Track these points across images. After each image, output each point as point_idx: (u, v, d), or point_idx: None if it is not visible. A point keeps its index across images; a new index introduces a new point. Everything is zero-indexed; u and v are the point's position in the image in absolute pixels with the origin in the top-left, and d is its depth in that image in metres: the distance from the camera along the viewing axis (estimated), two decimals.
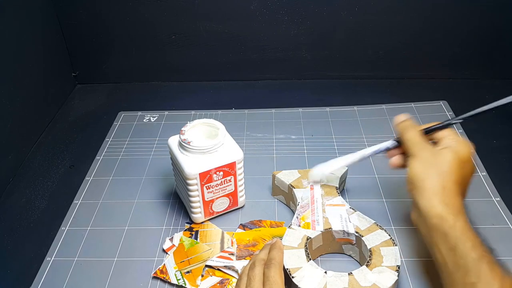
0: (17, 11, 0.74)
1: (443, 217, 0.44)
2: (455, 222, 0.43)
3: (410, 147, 0.51)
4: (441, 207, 0.44)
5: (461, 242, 0.42)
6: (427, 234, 0.46)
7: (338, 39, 0.88)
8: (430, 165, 0.47)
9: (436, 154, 0.48)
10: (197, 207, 0.58)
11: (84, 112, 0.87)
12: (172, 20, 0.87)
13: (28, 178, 0.71)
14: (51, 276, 0.55)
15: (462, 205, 0.45)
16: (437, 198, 0.45)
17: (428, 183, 0.46)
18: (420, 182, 0.47)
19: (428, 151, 0.49)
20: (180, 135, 0.57)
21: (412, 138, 0.51)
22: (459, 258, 0.41)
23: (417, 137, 0.51)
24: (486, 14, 0.83)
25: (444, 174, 0.46)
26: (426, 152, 0.49)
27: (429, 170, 0.47)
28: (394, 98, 0.85)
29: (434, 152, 0.49)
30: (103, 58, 0.93)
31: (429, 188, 0.46)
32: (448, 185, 0.46)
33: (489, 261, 0.40)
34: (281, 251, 0.50)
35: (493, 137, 0.74)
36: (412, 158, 0.49)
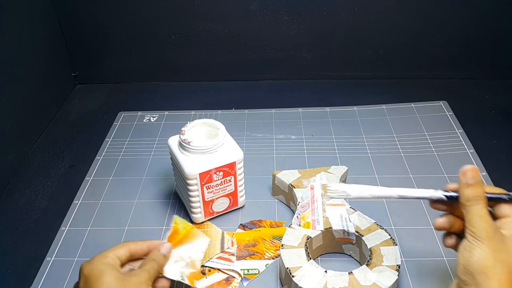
0: (17, 11, 0.74)
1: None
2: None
3: (474, 227, 0.39)
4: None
5: None
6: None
7: (338, 39, 0.88)
8: (500, 261, 0.37)
9: (505, 245, 0.38)
10: (197, 207, 0.58)
11: (84, 112, 0.87)
12: (172, 20, 0.87)
13: (28, 178, 0.71)
14: (51, 276, 0.55)
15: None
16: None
17: (495, 283, 0.36)
18: (485, 277, 0.36)
19: (497, 241, 0.38)
20: (180, 135, 0.57)
21: (481, 217, 0.39)
22: None
23: (486, 218, 0.39)
24: (486, 14, 0.83)
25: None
26: (494, 243, 0.38)
27: (498, 267, 0.37)
28: (394, 98, 0.85)
29: (503, 241, 0.38)
30: (103, 58, 0.93)
31: (492, 285, 0.36)
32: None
33: None
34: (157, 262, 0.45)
35: (493, 137, 0.74)
36: (474, 241, 0.39)
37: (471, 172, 0.41)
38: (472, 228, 0.39)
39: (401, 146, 0.73)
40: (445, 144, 0.72)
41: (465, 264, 0.38)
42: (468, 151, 0.71)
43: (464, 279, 0.38)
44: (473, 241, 0.38)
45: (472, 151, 0.71)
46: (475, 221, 0.39)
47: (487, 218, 0.39)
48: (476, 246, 0.38)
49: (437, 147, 0.72)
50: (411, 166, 0.69)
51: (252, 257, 0.56)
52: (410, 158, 0.70)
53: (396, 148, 0.72)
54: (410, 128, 0.77)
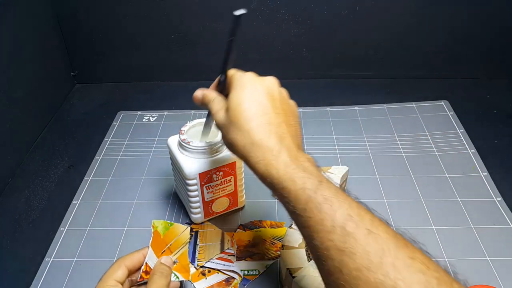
0: (16, 11, 0.74)
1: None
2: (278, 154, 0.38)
3: (217, 122, 0.44)
4: (266, 168, 0.38)
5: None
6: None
7: (338, 39, 0.87)
8: (236, 135, 0.41)
9: (231, 118, 0.42)
10: (197, 208, 0.58)
11: (83, 112, 0.87)
12: (172, 20, 0.86)
13: (27, 178, 0.71)
14: (50, 277, 0.55)
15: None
16: (259, 161, 0.39)
17: (247, 148, 0.40)
18: (240, 151, 0.41)
19: (227, 122, 0.42)
20: (179, 135, 0.57)
21: (216, 113, 0.45)
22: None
23: (219, 110, 0.44)
24: (486, 14, 0.82)
25: (251, 128, 0.40)
26: (227, 124, 0.42)
27: (238, 141, 0.41)
28: (395, 97, 0.84)
29: (229, 119, 0.42)
30: (103, 58, 0.93)
31: (252, 155, 0.39)
32: (256, 138, 0.40)
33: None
34: (166, 276, 0.45)
35: (494, 137, 0.74)
36: (221, 130, 0.44)
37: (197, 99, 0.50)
38: (217, 123, 0.44)
39: (402, 146, 0.72)
40: (446, 144, 0.72)
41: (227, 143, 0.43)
42: (469, 151, 0.70)
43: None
44: (221, 129, 0.43)
45: (473, 150, 0.70)
46: (215, 117, 0.44)
47: (220, 110, 0.44)
48: (224, 132, 0.43)
49: (438, 147, 0.72)
50: (412, 165, 0.68)
51: (252, 257, 0.55)
52: (411, 157, 0.70)
53: (397, 147, 0.72)
54: (411, 128, 0.76)
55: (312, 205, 0.35)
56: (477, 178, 0.66)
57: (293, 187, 0.36)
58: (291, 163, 0.38)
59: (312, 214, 0.35)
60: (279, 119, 0.41)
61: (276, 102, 0.43)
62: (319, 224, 0.34)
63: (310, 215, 0.35)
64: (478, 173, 0.66)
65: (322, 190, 0.35)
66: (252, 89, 0.42)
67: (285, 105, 0.44)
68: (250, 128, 0.40)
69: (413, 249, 0.33)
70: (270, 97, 0.43)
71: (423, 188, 0.64)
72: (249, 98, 0.42)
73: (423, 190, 0.64)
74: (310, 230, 0.35)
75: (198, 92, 0.50)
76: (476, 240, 0.56)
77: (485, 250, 0.55)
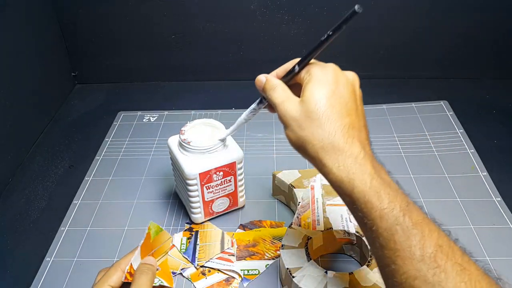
0: (17, 11, 0.74)
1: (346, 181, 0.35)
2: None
3: (280, 115, 0.40)
4: (341, 172, 0.35)
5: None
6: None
7: (338, 39, 0.87)
8: (307, 129, 0.38)
9: (305, 114, 0.38)
10: (197, 207, 0.58)
11: (83, 112, 0.87)
12: (172, 20, 0.86)
13: (28, 178, 0.71)
14: (50, 276, 0.55)
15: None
16: (331, 162, 0.36)
17: (316, 147, 0.37)
18: (308, 150, 0.38)
19: (300, 115, 0.38)
20: (180, 135, 0.57)
21: (281, 104, 0.40)
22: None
23: (284, 100, 0.41)
24: (487, 14, 0.82)
25: (323, 126, 0.37)
26: (298, 119, 0.39)
27: (308, 137, 0.37)
28: (395, 98, 0.85)
29: (303, 111, 0.38)
30: (103, 58, 0.93)
31: (322, 155, 0.37)
32: (334, 139, 0.36)
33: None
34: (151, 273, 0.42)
35: (494, 137, 0.74)
36: (285, 127, 0.40)
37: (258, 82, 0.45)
38: (279, 116, 0.40)
39: (402, 146, 0.73)
40: (446, 144, 0.72)
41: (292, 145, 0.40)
42: (469, 151, 0.70)
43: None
44: (285, 127, 0.40)
45: (473, 150, 0.70)
46: (278, 108, 0.40)
47: (285, 100, 0.40)
48: (287, 131, 0.39)
49: (437, 147, 0.72)
50: (411, 165, 0.69)
51: (252, 257, 0.55)
52: (411, 157, 0.70)
53: (397, 147, 0.72)
54: (410, 128, 0.76)
55: (399, 228, 0.32)
56: (476, 178, 0.66)
57: (378, 204, 0.34)
58: (376, 176, 0.35)
59: (398, 238, 0.32)
60: (360, 123, 0.38)
61: (358, 102, 0.39)
62: (405, 250, 0.32)
63: (395, 238, 0.32)
64: (478, 173, 0.66)
65: (410, 212, 0.33)
66: (336, 85, 0.38)
67: (362, 106, 0.40)
68: (333, 129, 0.36)
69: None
70: (354, 96, 0.39)
71: (422, 188, 0.64)
72: (334, 94, 0.38)
73: (422, 190, 0.64)
74: (391, 253, 0.32)
75: (261, 77, 0.45)
76: (476, 240, 0.56)
77: (484, 250, 0.55)
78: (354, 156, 0.36)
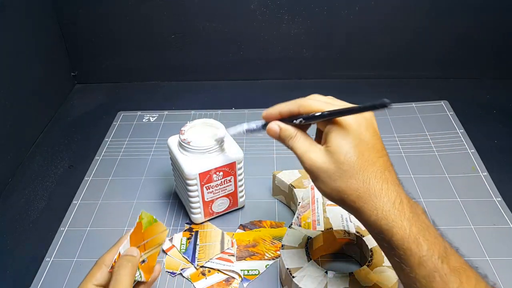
0: (17, 11, 0.74)
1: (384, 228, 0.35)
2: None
3: (305, 164, 0.40)
4: (378, 219, 0.35)
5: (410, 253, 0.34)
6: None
7: (338, 39, 0.88)
8: (337, 179, 0.37)
9: (333, 161, 0.38)
10: (197, 208, 0.58)
11: (83, 112, 0.87)
12: (172, 20, 0.86)
13: (27, 178, 0.71)
14: (50, 277, 0.55)
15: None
16: (368, 207, 0.36)
17: (352, 196, 0.37)
18: (341, 198, 0.37)
19: (324, 164, 0.38)
20: (179, 135, 0.57)
21: (305, 153, 0.40)
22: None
23: (308, 150, 0.40)
24: (486, 14, 0.82)
25: (356, 175, 0.36)
26: (323, 167, 0.38)
27: (341, 186, 0.37)
28: (395, 98, 0.84)
29: (330, 160, 0.38)
30: (103, 58, 0.93)
31: (360, 204, 0.36)
32: (369, 186, 0.36)
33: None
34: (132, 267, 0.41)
35: (494, 137, 0.74)
36: (311, 177, 0.40)
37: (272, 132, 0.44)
38: (303, 164, 0.40)
39: (402, 146, 0.72)
40: (446, 144, 0.72)
41: (324, 194, 0.39)
42: (469, 151, 0.70)
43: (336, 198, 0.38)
44: (311, 176, 0.39)
45: (473, 150, 0.70)
46: (301, 157, 0.40)
47: (309, 150, 0.39)
48: (315, 181, 0.39)
49: (438, 147, 0.72)
50: (411, 165, 0.68)
51: (252, 257, 0.55)
52: (411, 157, 0.70)
53: (397, 147, 0.72)
54: (411, 128, 0.76)
55: (437, 275, 0.33)
56: (477, 178, 0.66)
57: (417, 252, 0.34)
58: (414, 220, 0.35)
59: (436, 285, 0.33)
60: (388, 162, 0.38)
61: (380, 140, 0.39)
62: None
63: (433, 285, 0.33)
64: (478, 173, 0.66)
65: (448, 259, 0.34)
66: (360, 130, 0.38)
67: (382, 141, 0.39)
68: (367, 176, 0.36)
69: None
70: (377, 136, 0.39)
71: (422, 188, 0.64)
72: (360, 141, 0.37)
73: (422, 190, 0.64)
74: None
75: (273, 125, 0.44)
76: (476, 240, 0.56)
77: (484, 250, 0.55)
78: (392, 201, 0.35)
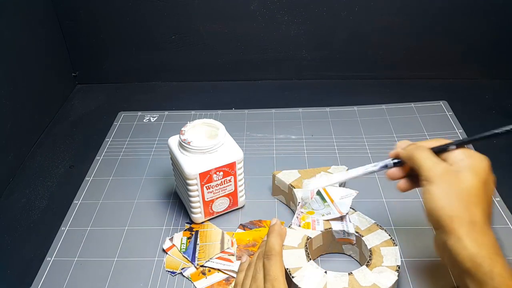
0: (17, 11, 0.74)
1: (478, 262, 0.37)
2: (492, 267, 0.36)
3: (425, 170, 0.42)
4: (474, 249, 0.37)
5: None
6: (458, 276, 0.39)
7: (338, 39, 0.88)
8: (453, 194, 0.40)
9: (457, 179, 0.40)
10: (197, 207, 0.58)
11: (84, 112, 0.87)
12: (172, 20, 0.87)
13: (28, 178, 0.71)
14: (51, 276, 0.55)
15: (495, 242, 0.39)
16: (469, 238, 0.38)
17: (456, 219, 0.39)
18: (445, 217, 0.39)
19: (447, 175, 0.41)
20: (180, 135, 0.57)
21: (427, 159, 0.42)
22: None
23: (432, 158, 0.42)
24: (486, 14, 0.83)
25: (471, 205, 0.39)
26: (445, 177, 0.41)
27: (453, 201, 0.39)
28: (394, 98, 0.85)
29: (454, 175, 0.41)
30: (103, 58, 0.93)
31: (457, 225, 0.38)
32: (477, 218, 0.39)
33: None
34: (280, 235, 0.50)
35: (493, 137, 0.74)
36: (428, 183, 0.41)
37: (401, 142, 0.48)
38: (424, 171, 0.42)
39: None
40: None
41: (428, 210, 0.41)
42: None
43: (430, 219, 0.41)
44: (426, 183, 0.41)
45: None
46: (424, 163, 0.42)
47: (433, 158, 0.42)
48: (429, 187, 0.41)
49: None
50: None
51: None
52: None
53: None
54: (410, 128, 0.77)
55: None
56: None
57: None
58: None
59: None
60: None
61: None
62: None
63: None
64: None
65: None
66: (488, 176, 0.42)
67: None
68: (483, 212, 0.40)
69: None
70: (492, 188, 0.43)
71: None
72: (486, 184, 0.41)
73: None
74: None
75: (402, 143, 0.48)
76: None
77: None
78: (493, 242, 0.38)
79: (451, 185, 0.40)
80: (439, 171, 0.41)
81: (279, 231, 0.51)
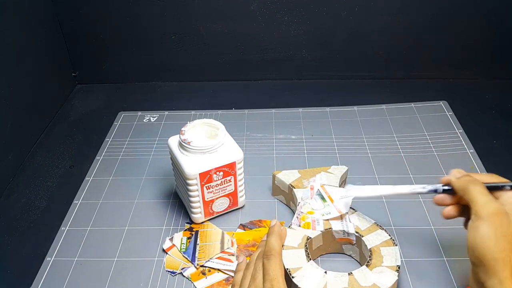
0: (17, 11, 0.74)
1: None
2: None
3: (477, 205, 0.41)
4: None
5: None
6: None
7: (338, 39, 0.88)
8: (501, 236, 0.38)
9: (508, 221, 0.39)
10: (197, 207, 0.58)
11: (84, 112, 0.87)
12: (172, 20, 0.87)
13: (28, 178, 0.71)
14: (51, 276, 0.55)
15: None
16: (511, 283, 0.37)
17: (500, 262, 0.37)
18: (489, 256, 0.38)
19: (499, 215, 0.40)
20: (180, 135, 0.57)
21: (481, 194, 0.41)
22: None
23: (486, 194, 0.41)
24: (486, 14, 0.83)
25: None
26: (497, 217, 0.39)
27: (500, 243, 0.38)
28: (394, 98, 0.85)
29: (506, 217, 0.40)
30: (103, 58, 0.93)
31: (501, 268, 0.37)
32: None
33: None
34: (280, 236, 0.50)
35: (493, 137, 0.74)
36: (478, 219, 0.40)
37: (456, 171, 0.47)
38: (475, 206, 0.41)
39: (401, 146, 0.73)
40: (445, 144, 0.72)
41: (472, 245, 0.40)
42: (468, 151, 0.71)
43: (473, 262, 0.40)
44: (476, 219, 0.40)
45: (472, 151, 0.71)
46: (477, 198, 0.41)
47: (487, 195, 0.41)
48: (478, 223, 0.40)
49: (437, 147, 0.72)
50: (411, 166, 0.69)
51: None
52: (410, 158, 0.70)
53: (396, 148, 0.72)
54: (410, 128, 0.77)
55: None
56: None
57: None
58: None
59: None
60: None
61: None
62: None
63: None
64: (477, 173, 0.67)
65: None
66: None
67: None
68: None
69: None
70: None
71: None
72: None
73: None
74: None
75: (456, 172, 0.47)
76: None
77: None
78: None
79: (501, 226, 0.39)
80: (491, 210, 0.40)
81: (279, 231, 0.51)
